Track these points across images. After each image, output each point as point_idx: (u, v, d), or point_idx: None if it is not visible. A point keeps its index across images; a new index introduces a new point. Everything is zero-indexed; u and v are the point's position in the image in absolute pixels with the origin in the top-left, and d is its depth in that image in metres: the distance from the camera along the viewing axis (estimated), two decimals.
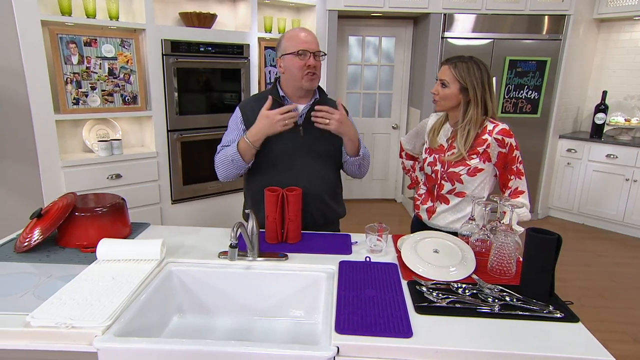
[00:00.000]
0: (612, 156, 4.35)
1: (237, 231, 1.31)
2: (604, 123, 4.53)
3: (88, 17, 2.84)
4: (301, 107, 1.80)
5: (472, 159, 1.70)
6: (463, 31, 4.24)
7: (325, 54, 1.77)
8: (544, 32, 4.26)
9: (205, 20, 3.32)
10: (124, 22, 3.01)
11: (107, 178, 3.00)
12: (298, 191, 1.62)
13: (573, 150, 4.60)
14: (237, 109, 1.84)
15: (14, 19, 2.52)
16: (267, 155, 1.76)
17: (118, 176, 3.04)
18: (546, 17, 4.22)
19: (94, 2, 2.82)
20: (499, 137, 1.67)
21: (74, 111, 2.85)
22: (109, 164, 2.99)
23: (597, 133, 4.56)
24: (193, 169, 3.42)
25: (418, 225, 1.93)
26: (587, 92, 4.95)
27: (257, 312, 1.46)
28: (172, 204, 3.36)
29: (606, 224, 4.51)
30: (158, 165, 3.23)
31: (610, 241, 4.25)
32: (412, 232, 1.89)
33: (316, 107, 1.66)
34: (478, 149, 1.70)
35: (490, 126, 1.69)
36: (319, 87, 1.85)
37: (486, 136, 1.69)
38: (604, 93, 4.51)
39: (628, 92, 4.72)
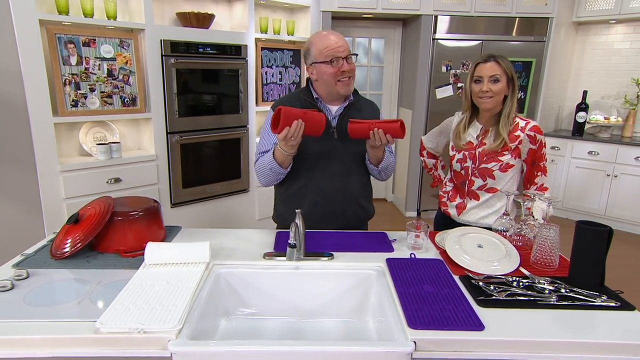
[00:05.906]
0: (593, 153, 4.53)
1: (295, 231, 1.29)
2: (585, 121, 4.72)
3: (86, 17, 2.75)
4: (334, 109, 1.78)
5: (504, 154, 1.74)
6: (453, 32, 4.33)
7: (356, 55, 1.75)
8: (530, 34, 4.40)
9: (204, 20, 3.26)
10: (122, 22, 2.92)
11: (107, 182, 2.90)
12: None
13: (557, 148, 4.77)
14: (272, 111, 1.80)
15: (11, 17, 2.41)
16: (301, 158, 1.72)
17: (117, 180, 2.95)
18: (531, 19, 4.37)
19: (91, 1, 2.73)
20: (532, 133, 1.71)
21: (72, 113, 2.75)
22: (108, 167, 2.90)
23: (578, 131, 4.74)
24: (192, 171, 3.36)
25: (444, 221, 1.95)
26: (567, 92, 5.15)
27: (305, 312, 1.45)
28: (171, 207, 3.29)
29: (589, 218, 4.65)
30: (157, 168, 3.15)
31: None
32: (436, 229, 1.92)
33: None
34: (510, 144, 1.74)
35: (521, 123, 1.74)
36: None
37: (518, 132, 1.73)
38: (585, 92, 4.70)
39: (605, 91, 4.94)
